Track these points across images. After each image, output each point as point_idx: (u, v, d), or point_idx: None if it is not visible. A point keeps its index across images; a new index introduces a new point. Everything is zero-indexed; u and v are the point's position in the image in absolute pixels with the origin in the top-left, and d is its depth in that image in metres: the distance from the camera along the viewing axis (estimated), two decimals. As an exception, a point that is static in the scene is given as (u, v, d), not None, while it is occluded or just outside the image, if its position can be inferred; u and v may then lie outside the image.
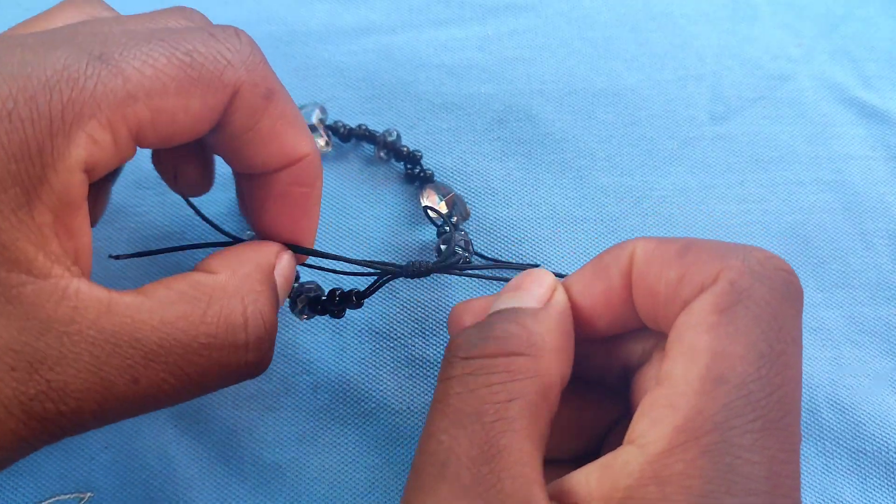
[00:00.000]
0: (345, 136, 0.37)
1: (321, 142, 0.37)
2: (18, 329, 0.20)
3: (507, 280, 0.28)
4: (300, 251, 0.28)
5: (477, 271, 0.34)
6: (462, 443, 0.21)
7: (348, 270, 0.31)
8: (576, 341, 0.25)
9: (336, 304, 0.30)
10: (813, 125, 0.39)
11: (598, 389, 0.27)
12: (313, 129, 0.37)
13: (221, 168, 0.38)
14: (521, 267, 0.32)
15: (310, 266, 0.31)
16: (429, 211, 0.34)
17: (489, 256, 0.36)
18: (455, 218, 0.35)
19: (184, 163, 0.28)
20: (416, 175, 0.36)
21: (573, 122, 0.39)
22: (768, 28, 0.42)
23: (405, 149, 0.36)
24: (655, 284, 0.23)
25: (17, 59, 0.21)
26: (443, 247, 0.34)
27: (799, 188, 0.38)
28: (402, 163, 0.37)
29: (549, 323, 0.24)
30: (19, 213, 0.20)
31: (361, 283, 0.31)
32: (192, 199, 0.29)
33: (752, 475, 0.19)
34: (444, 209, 0.35)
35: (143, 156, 0.28)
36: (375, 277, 0.30)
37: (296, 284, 0.31)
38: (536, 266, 0.31)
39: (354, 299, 0.30)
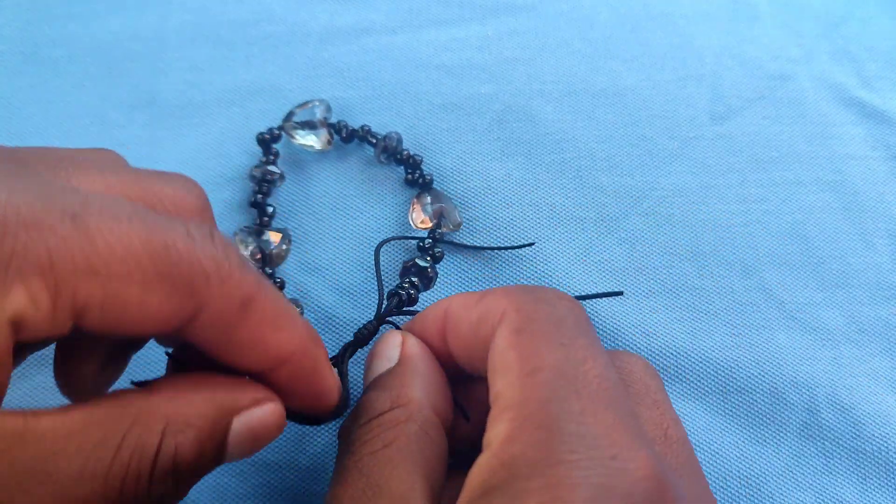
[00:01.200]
0: (346, 138, 0.37)
1: (323, 139, 0.37)
2: None
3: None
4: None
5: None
6: (343, 492, 0.23)
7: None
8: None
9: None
10: (813, 125, 0.39)
11: None
12: (316, 126, 0.37)
13: (224, 170, 0.38)
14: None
15: None
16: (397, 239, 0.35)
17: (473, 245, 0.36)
18: (443, 228, 0.35)
19: (87, 353, 0.25)
20: (415, 180, 0.36)
21: (573, 122, 0.39)
22: (768, 28, 0.42)
23: (405, 153, 0.36)
24: (462, 329, 0.26)
25: None
26: (420, 262, 0.34)
27: (799, 188, 0.38)
28: (402, 167, 0.37)
29: (405, 374, 0.26)
30: None
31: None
32: None
33: (590, 434, 0.20)
34: (429, 224, 0.35)
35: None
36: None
37: None
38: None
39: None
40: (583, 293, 0.35)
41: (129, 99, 0.39)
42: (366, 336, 0.30)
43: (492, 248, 0.35)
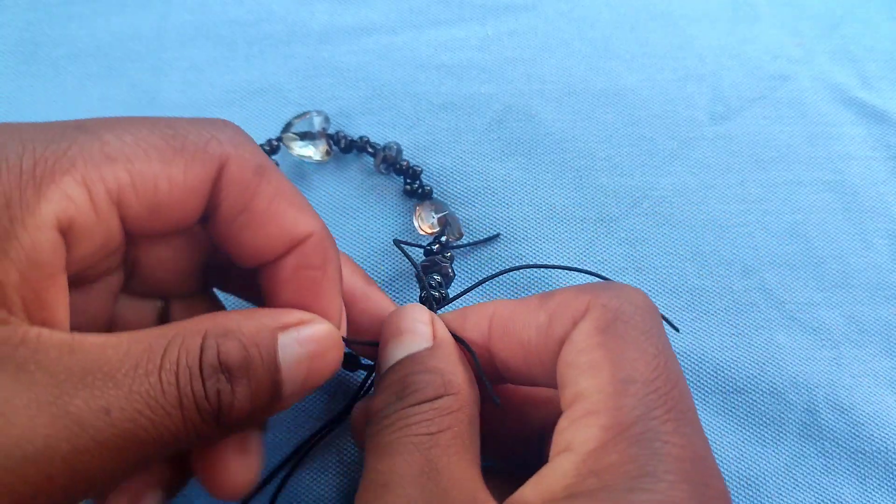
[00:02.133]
0: (345, 148, 0.37)
1: (322, 150, 0.37)
2: None
3: None
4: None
5: None
6: (401, 466, 0.22)
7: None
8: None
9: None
10: (813, 125, 0.39)
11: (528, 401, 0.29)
12: (315, 136, 0.37)
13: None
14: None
15: None
16: (401, 245, 0.33)
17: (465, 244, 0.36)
18: (446, 237, 0.35)
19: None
20: (414, 191, 0.36)
21: (573, 122, 0.39)
22: (768, 28, 0.42)
23: (405, 163, 0.36)
24: (524, 334, 0.25)
25: None
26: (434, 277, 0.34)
27: (799, 188, 0.38)
28: (401, 177, 0.37)
29: (449, 358, 0.25)
30: None
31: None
32: None
33: (681, 456, 0.21)
34: (434, 229, 0.35)
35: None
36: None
37: None
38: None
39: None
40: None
41: (129, 99, 0.39)
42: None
43: (473, 245, 0.35)
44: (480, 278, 0.33)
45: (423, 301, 0.31)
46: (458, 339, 0.26)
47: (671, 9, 0.42)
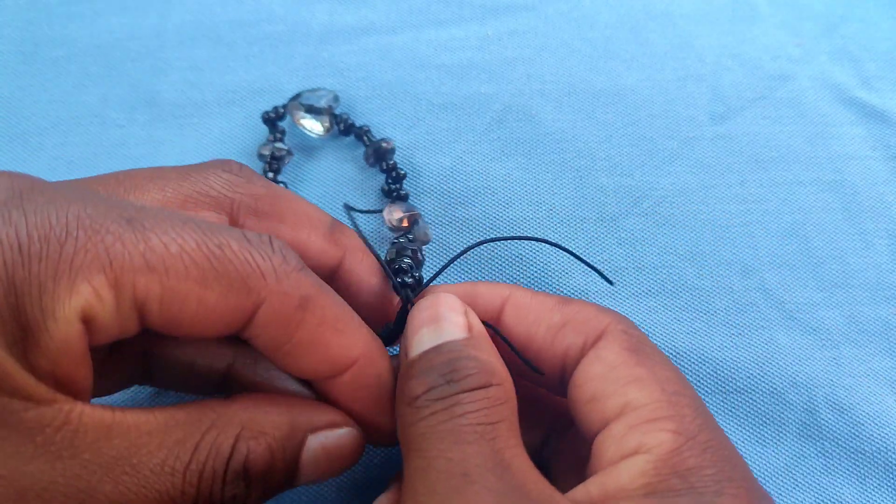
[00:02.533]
0: (345, 131, 0.37)
1: (325, 124, 0.37)
2: (9, 454, 0.19)
3: None
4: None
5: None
6: (475, 457, 0.21)
7: None
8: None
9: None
10: (813, 125, 0.39)
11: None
12: (321, 111, 0.37)
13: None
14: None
15: None
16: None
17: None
18: (412, 236, 0.34)
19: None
20: (391, 191, 0.36)
21: (573, 122, 0.39)
22: (768, 28, 0.42)
23: (392, 163, 0.36)
24: (533, 328, 0.26)
25: (47, 198, 0.21)
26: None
27: (799, 188, 0.38)
28: (384, 175, 0.37)
29: (489, 349, 0.25)
30: (14, 350, 0.19)
31: None
32: None
33: (738, 462, 0.23)
34: (404, 225, 0.34)
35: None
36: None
37: None
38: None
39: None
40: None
41: (129, 99, 0.39)
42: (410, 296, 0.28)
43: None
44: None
45: (395, 288, 0.29)
46: (488, 325, 0.26)
47: (671, 9, 0.42)
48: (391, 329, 0.28)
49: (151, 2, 0.42)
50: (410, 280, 0.29)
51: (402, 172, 0.36)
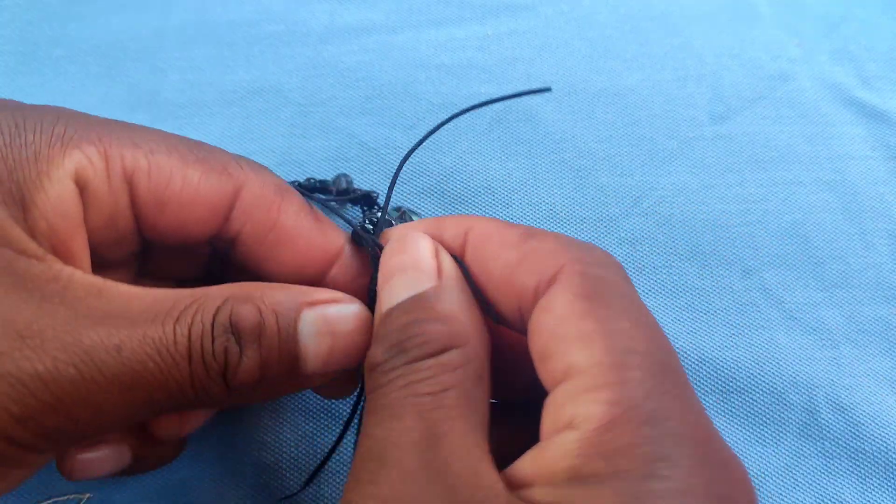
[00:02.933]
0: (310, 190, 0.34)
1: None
2: (0, 297, 0.20)
3: None
4: None
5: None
6: (399, 433, 0.20)
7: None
8: None
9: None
10: (813, 125, 0.39)
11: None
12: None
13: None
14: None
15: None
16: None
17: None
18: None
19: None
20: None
21: (573, 122, 0.39)
22: (768, 28, 0.42)
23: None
24: (492, 264, 0.23)
25: (36, 107, 0.24)
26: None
27: (799, 188, 0.38)
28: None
29: (456, 299, 0.23)
30: (13, 208, 0.21)
31: None
32: None
33: (695, 437, 0.19)
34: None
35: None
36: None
37: None
38: None
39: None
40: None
41: (129, 99, 0.39)
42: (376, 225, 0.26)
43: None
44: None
45: (357, 239, 0.27)
46: (458, 261, 0.24)
47: (671, 9, 0.42)
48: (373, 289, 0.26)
49: (151, 2, 0.42)
50: (370, 225, 0.27)
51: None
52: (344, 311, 0.24)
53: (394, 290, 0.23)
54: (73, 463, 0.25)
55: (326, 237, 0.25)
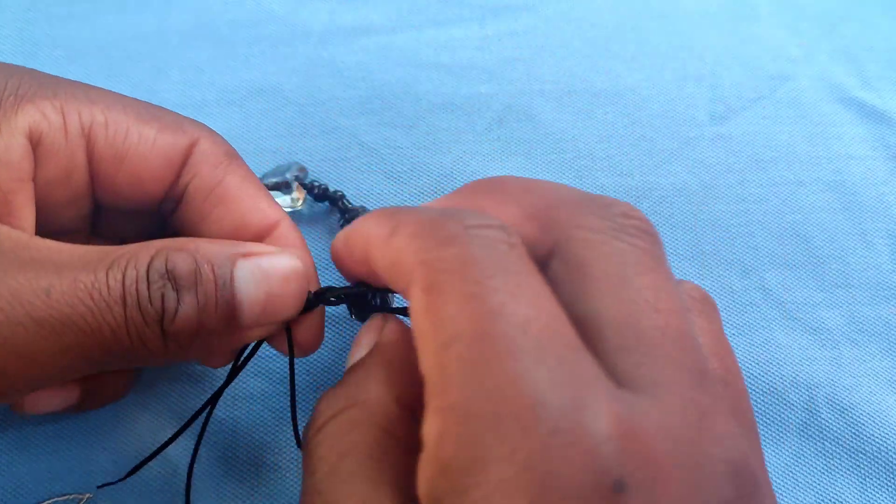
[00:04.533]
0: (319, 197, 0.35)
1: (294, 197, 0.35)
2: None
3: None
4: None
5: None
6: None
7: None
8: None
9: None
10: (813, 125, 0.39)
11: None
12: (288, 186, 0.35)
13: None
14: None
15: None
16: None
17: None
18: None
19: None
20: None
21: (573, 122, 0.39)
22: (768, 28, 0.42)
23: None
24: (378, 268, 0.21)
25: None
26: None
27: (799, 188, 0.38)
28: None
29: (371, 365, 0.22)
30: None
31: None
32: None
33: (524, 416, 0.17)
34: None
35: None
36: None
37: None
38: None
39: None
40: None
41: (129, 99, 0.39)
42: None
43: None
44: None
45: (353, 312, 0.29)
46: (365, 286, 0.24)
47: (671, 9, 0.42)
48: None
49: (151, 2, 0.42)
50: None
51: None
52: (278, 262, 0.24)
53: (349, 357, 0.24)
54: (22, 400, 0.26)
55: (267, 206, 0.26)
